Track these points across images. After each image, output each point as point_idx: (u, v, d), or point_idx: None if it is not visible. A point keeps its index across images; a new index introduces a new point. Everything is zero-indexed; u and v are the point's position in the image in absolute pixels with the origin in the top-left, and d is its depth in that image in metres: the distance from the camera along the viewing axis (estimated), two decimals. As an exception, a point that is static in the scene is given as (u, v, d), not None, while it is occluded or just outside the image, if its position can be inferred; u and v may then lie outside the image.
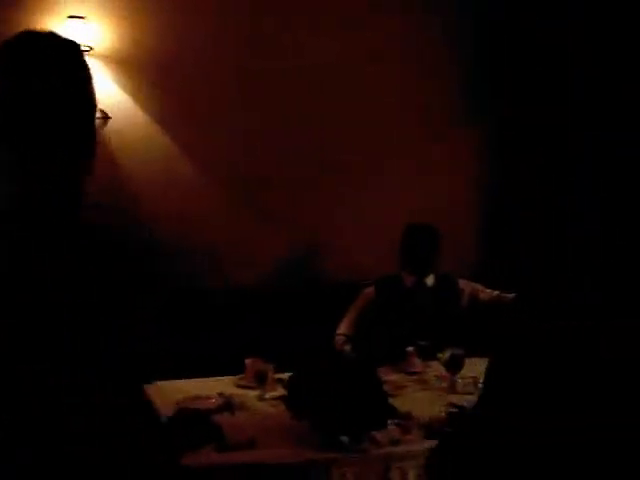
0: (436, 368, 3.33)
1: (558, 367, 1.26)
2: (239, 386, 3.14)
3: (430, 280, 3.78)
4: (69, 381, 1.27)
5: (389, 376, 3.23)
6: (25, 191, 1.31)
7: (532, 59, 4.62)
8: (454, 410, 2.68)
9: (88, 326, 1.32)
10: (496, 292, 3.78)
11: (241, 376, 3.19)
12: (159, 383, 3.13)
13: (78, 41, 4.27)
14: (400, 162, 4.72)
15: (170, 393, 2.98)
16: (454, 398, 2.90)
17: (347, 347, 3.64)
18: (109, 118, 4.07)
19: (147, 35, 4.22)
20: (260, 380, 3.00)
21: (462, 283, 3.87)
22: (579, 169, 4.41)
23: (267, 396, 2.97)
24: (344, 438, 2.45)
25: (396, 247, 3.80)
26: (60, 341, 1.27)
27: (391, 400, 2.83)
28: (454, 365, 3.13)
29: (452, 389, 3.09)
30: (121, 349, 1.36)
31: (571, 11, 4.28)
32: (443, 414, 2.69)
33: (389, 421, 2.64)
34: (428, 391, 3.15)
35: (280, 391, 2.96)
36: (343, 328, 3.74)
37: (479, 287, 3.86)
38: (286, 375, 2.95)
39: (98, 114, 1.46)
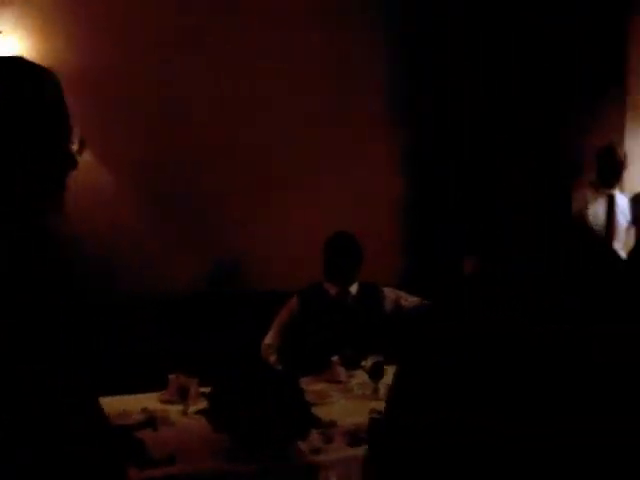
0: (360, 376, 3.37)
1: (546, 371, 1.27)
2: (162, 401, 3.11)
3: (354, 289, 3.82)
4: (67, 381, 1.29)
5: (313, 386, 3.25)
6: (25, 191, 1.34)
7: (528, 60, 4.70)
8: (376, 416, 2.71)
9: (83, 327, 1.35)
10: (417, 299, 3.85)
11: (164, 391, 3.16)
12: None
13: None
14: (329, 169, 4.77)
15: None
16: (377, 405, 2.93)
17: (273, 357, 3.66)
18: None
19: (63, 48, 4.16)
20: (183, 395, 2.98)
21: (387, 291, 3.91)
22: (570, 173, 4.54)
23: (190, 410, 2.95)
24: (267, 450, 2.46)
25: (320, 257, 3.83)
26: (58, 341, 1.29)
27: (315, 409, 2.85)
28: (376, 373, 3.17)
29: (375, 396, 3.14)
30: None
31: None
32: (366, 421, 2.72)
33: (312, 430, 2.66)
34: (352, 399, 3.19)
35: (203, 405, 2.94)
36: (269, 338, 3.75)
37: (402, 294, 3.92)
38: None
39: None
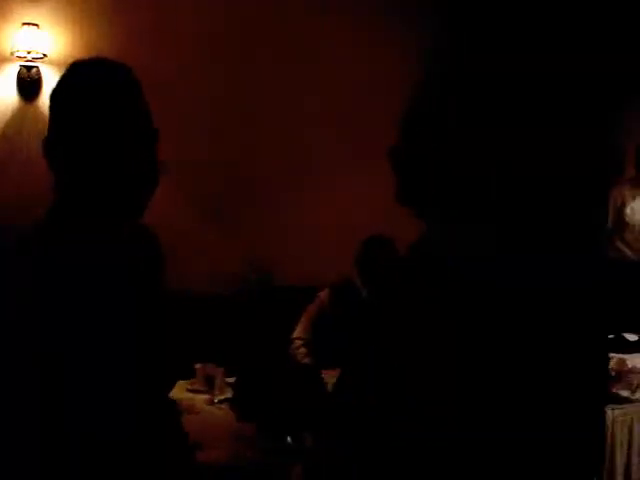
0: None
1: None
2: (189, 390, 3.14)
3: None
4: None
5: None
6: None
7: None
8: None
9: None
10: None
11: (191, 380, 3.19)
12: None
13: (32, 48, 4.20)
14: (354, 177, 4.72)
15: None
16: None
17: (302, 350, 3.64)
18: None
19: (100, 41, 4.17)
20: (209, 384, 3.01)
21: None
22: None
23: (216, 400, 2.98)
24: (288, 439, 2.47)
25: (346, 255, 3.80)
26: None
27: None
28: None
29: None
30: None
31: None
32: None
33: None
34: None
35: (229, 394, 2.97)
36: (298, 332, 3.74)
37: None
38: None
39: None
